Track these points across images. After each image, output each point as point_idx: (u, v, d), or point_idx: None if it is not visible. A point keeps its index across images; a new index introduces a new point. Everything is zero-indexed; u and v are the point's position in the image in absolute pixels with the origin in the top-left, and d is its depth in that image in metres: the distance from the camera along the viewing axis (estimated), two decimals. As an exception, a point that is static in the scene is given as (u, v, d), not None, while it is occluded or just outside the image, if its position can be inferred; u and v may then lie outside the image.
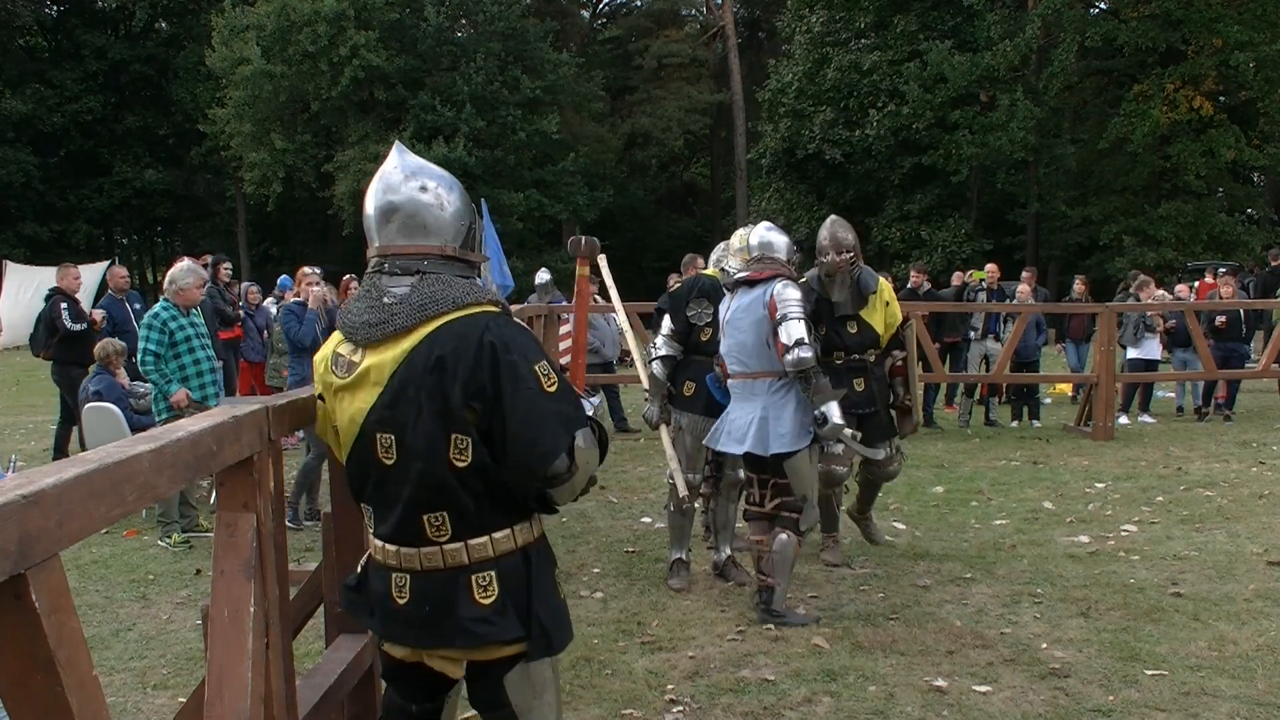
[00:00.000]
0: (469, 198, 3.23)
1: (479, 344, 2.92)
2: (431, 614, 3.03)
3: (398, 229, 3.10)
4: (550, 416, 2.93)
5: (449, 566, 3.01)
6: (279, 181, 39.82)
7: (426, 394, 2.93)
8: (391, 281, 3.07)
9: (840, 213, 11.71)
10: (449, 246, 3.11)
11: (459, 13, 42.01)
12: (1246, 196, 37.53)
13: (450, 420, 2.92)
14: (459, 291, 3.02)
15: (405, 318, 2.99)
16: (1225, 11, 30.98)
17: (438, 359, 2.92)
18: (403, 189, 3.10)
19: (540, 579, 3.10)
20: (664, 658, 5.97)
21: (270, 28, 37.90)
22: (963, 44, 33.92)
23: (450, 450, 2.93)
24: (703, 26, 52.41)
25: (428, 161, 3.23)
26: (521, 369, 2.92)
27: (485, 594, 3.00)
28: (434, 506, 2.98)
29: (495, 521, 3.02)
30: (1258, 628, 6.33)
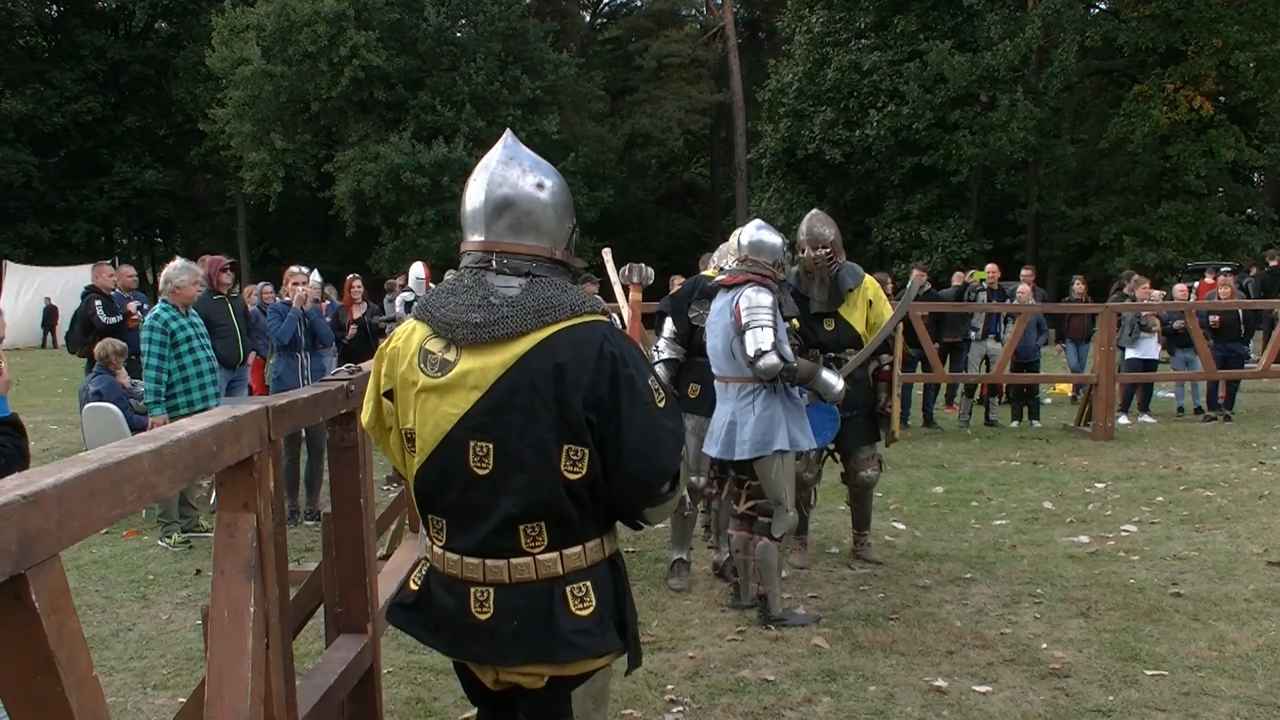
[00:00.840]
0: (570, 199, 3.12)
1: (599, 354, 2.79)
2: (521, 628, 2.88)
3: (509, 225, 2.95)
4: (665, 433, 2.85)
5: (541, 578, 2.87)
6: (279, 181, 39.83)
7: (542, 402, 2.78)
8: (500, 281, 2.91)
9: (840, 213, 11.66)
10: (557, 250, 2.99)
11: (459, 13, 42.01)
12: (1246, 197, 37.53)
13: (567, 430, 2.79)
14: (574, 299, 2.87)
15: (517, 321, 2.82)
16: (1225, 12, 30.99)
17: (557, 366, 2.78)
18: (520, 184, 2.97)
19: (625, 587, 3.02)
20: (664, 658, 5.97)
21: (270, 28, 37.90)
22: (963, 44, 33.93)
23: (562, 461, 2.81)
24: (703, 26, 52.42)
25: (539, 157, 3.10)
26: (639, 383, 2.81)
27: (583, 605, 2.88)
28: (534, 518, 2.84)
29: (590, 531, 2.92)
30: (1258, 628, 6.33)
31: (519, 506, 2.82)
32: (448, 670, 5.79)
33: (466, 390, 2.83)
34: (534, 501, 2.82)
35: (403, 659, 5.94)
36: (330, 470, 3.82)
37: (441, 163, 37.59)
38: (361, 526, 3.81)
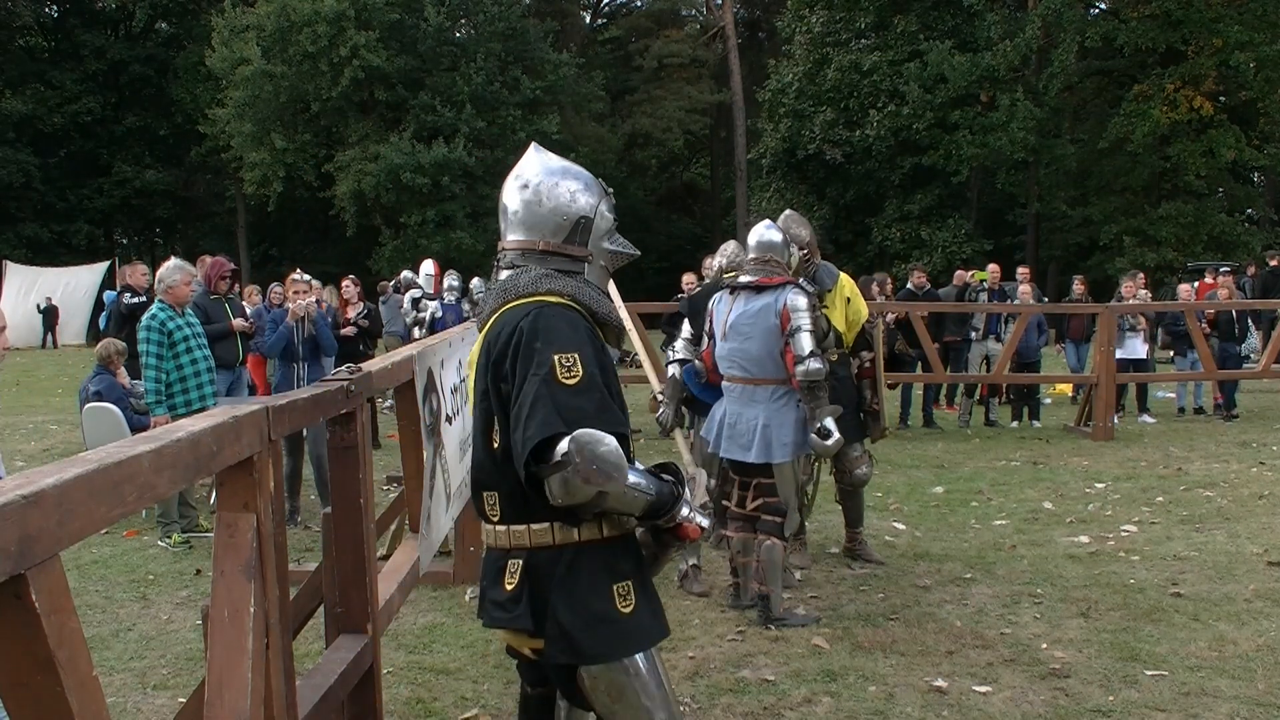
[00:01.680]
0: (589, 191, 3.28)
1: (514, 329, 3.00)
2: (485, 588, 3.19)
3: (507, 225, 3.28)
4: (546, 404, 2.85)
5: (497, 546, 3.14)
6: (279, 182, 39.82)
7: (480, 375, 3.12)
8: (503, 274, 3.25)
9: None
10: (545, 241, 3.20)
11: (459, 13, 42.03)
12: (1246, 197, 37.54)
13: (489, 402, 3.07)
14: (527, 280, 3.14)
15: (490, 306, 3.20)
16: (1225, 12, 31.00)
17: (488, 341, 3.11)
18: (508, 188, 3.28)
19: (576, 581, 3.02)
20: (664, 658, 5.95)
21: (270, 28, 37.90)
22: (963, 44, 33.95)
23: (491, 430, 3.08)
24: (703, 27, 52.44)
25: (552, 158, 3.35)
26: (541, 355, 2.91)
27: (510, 580, 3.06)
28: (486, 485, 3.14)
29: (537, 513, 3.01)
30: (1258, 628, 6.33)
31: (475, 472, 3.20)
32: (448, 670, 5.80)
33: (471, 365, 3.26)
34: (479, 468, 3.16)
35: (403, 659, 5.94)
36: (330, 470, 3.82)
37: (441, 163, 37.59)
38: (361, 526, 3.81)
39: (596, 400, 2.92)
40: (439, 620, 6.70)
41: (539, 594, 3.02)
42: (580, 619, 3.01)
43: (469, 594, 7.17)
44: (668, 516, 3.07)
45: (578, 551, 3.04)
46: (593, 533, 3.06)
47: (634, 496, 2.96)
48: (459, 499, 5.88)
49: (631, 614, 3.09)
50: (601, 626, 3.03)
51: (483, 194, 38.59)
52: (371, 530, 3.99)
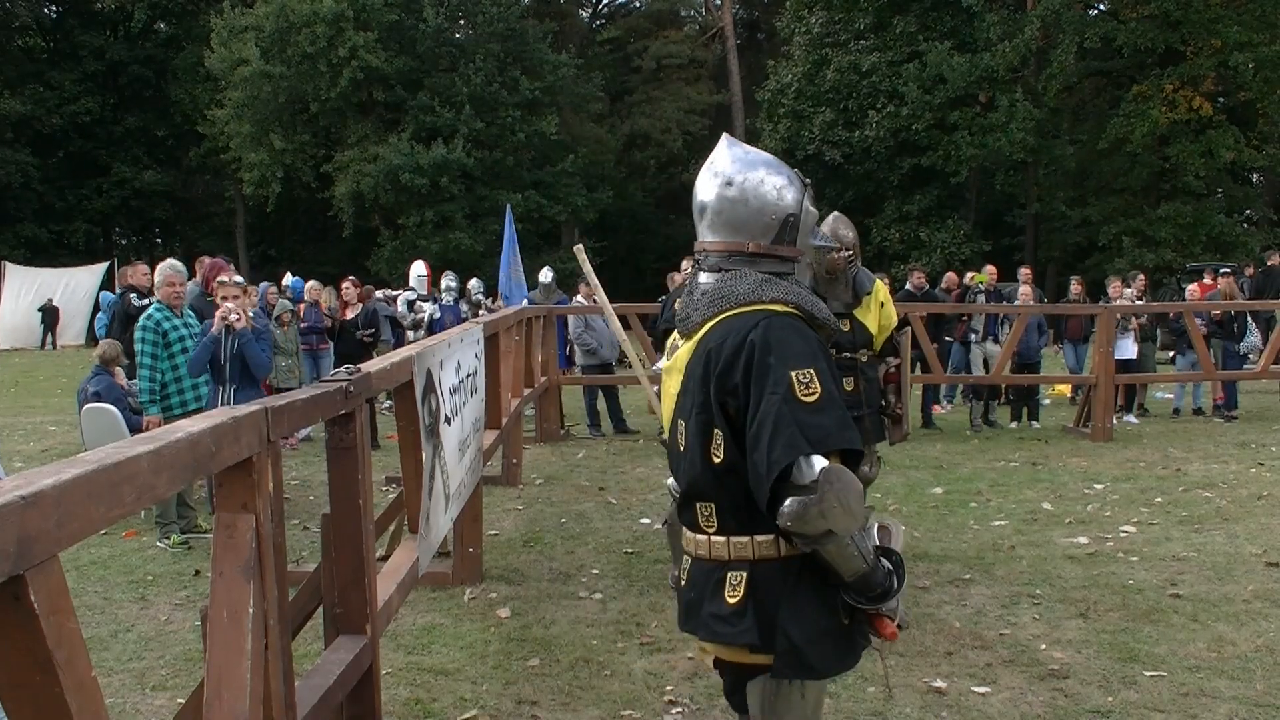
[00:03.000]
0: (793, 185, 3.15)
1: (742, 341, 2.89)
2: (694, 600, 3.08)
3: (708, 225, 3.15)
4: (790, 425, 2.76)
5: (713, 559, 3.03)
6: (278, 182, 39.82)
7: (698, 386, 2.99)
8: (704, 277, 3.14)
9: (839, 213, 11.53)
10: (754, 243, 3.09)
11: (458, 14, 42.04)
12: (1245, 197, 37.54)
13: (709, 414, 2.95)
14: (746, 287, 3.02)
15: (701, 313, 3.07)
16: (1224, 12, 31.00)
17: (707, 353, 2.98)
18: (710, 186, 3.14)
19: (802, 594, 2.92)
20: (663, 659, 5.97)
21: (269, 29, 37.88)
22: (962, 45, 33.97)
23: (710, 444, 2.96)
24: (702, 27, 52.43)
25: (749, 150, 3.22)
26: (777, 371, 2.81)
27: (733, 594, 2.95)
28: (702, 497, 3.03)
29: (761, 524, 2.91)
30: (1256, 629, 6.34)
31: (687, 483, 3.07)
32: (446, 671, 5.80)
33: (676, 372, 3.15)
34: (694, 480, 3.02)
35: (401, 660, 5.94)
36: (329, 471, 3.82)
37: (440, 164, 37.59)
38: (361, 527, 3.80)
39: (837, 418, 2.83)
40: (438, 621, 6.70)
41: (764, 608, 2.92)
42: (808, 633, 2.91)
43: (468, 595, 7.18)
44: (874, 598, 2.93)
45: (804, 563, 2.93)
46: None
47: (853, 555, 2.85)
48: (458, 500, 5.88)
49: (853, 625, 3.01)
50: (828, 640, 2.95)
51: (481, 195, 38.59)
52: (370, 531, 3.99)
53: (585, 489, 10.71)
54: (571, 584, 7.47)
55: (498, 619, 6.72)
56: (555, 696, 5.46)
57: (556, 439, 13.80)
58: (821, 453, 2.76)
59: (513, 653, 6.11)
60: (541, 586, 7.43)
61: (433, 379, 5.02)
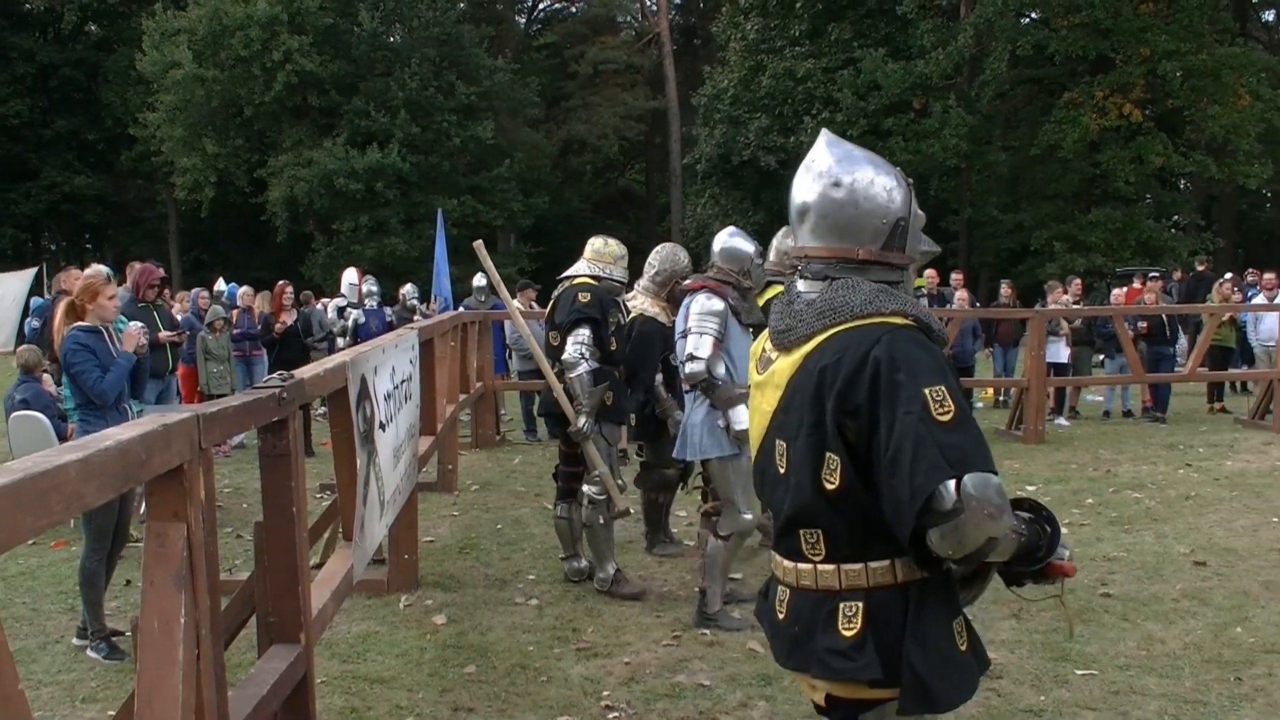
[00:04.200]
0: (901, 186, 2.92)
1: (863, 358, 2.67)
2: (799, 635, 2.86)
3: (810, 229, 2.94)
4: (931, 446, 2.55)
5: (820, 588, 2.82)
6: (211, 187, 39.38)
7: (807, 406, 2.77)
8: (805, 285, 2.94)
9: (775, 219, 11.65)
10: (863, 249, 2.87)
11: (393, 18, 41.83)
12: (1173, 203, 38.05)
13: (823, 436, 2.73)
14: (862, 299, 2.80)
15: (807, 325, 2.85)
16: (1153, 22, 31.44)
17: (820, 370, 2.75)
18: (813, 186, 2.92)
19: (923, 622, 2.73)
20: (600, 664, 5.97)
21: (202, 31, 37.49)
22: (896, 52, 34.23)
23: (821, 469, 2.75)
24: (638, 33, 52.50)
25: (853, 149, 3.00)
26: (909, 390, 2.59)
27: (849, 625, 2.75)
28: (808, 524, 2.82)
29: (875, 549, 2.75)
30: (1185, 627, 6.45)
31: (791, 509, 2.85)
32: (382, 679, 5.77)
33: (774, 388, 2.93)
34: (801, 506, 2.81)
35: (336, 668, 5.91)
36: (262, 478, 3.79)
37: (375, 169, 37.38)
38: (294, 535, 3.78)
39: (974, 436, 2.65)
40: (373, 629, 6.67)
41: (885, 639, 2.72)
42: (934, 664, 2.71)
43: (403, 602, 7.14)
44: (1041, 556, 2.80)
45: (923, 588, 2.77)
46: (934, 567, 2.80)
47: (1013, 539, 2.67)
48: (393, 506, 5.85)
49: (968, 651, 2.84)
50: (951, 669, 2.76)
51: (417, 200, 38.41)
52: (304, 539, 3.97)
53: (521, 494, 10.69)
54: (508, 590, 7.46)
55: (433, 626, 6.70)
56: (492, 703, 5.45)
57: (492, 444, 13.77)
58: (961, 475, 2.55)
59: (449, 660, 6.09)
60: (478, 593, 7.41)
61: (367, 385, 5.00)
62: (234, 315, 14.57)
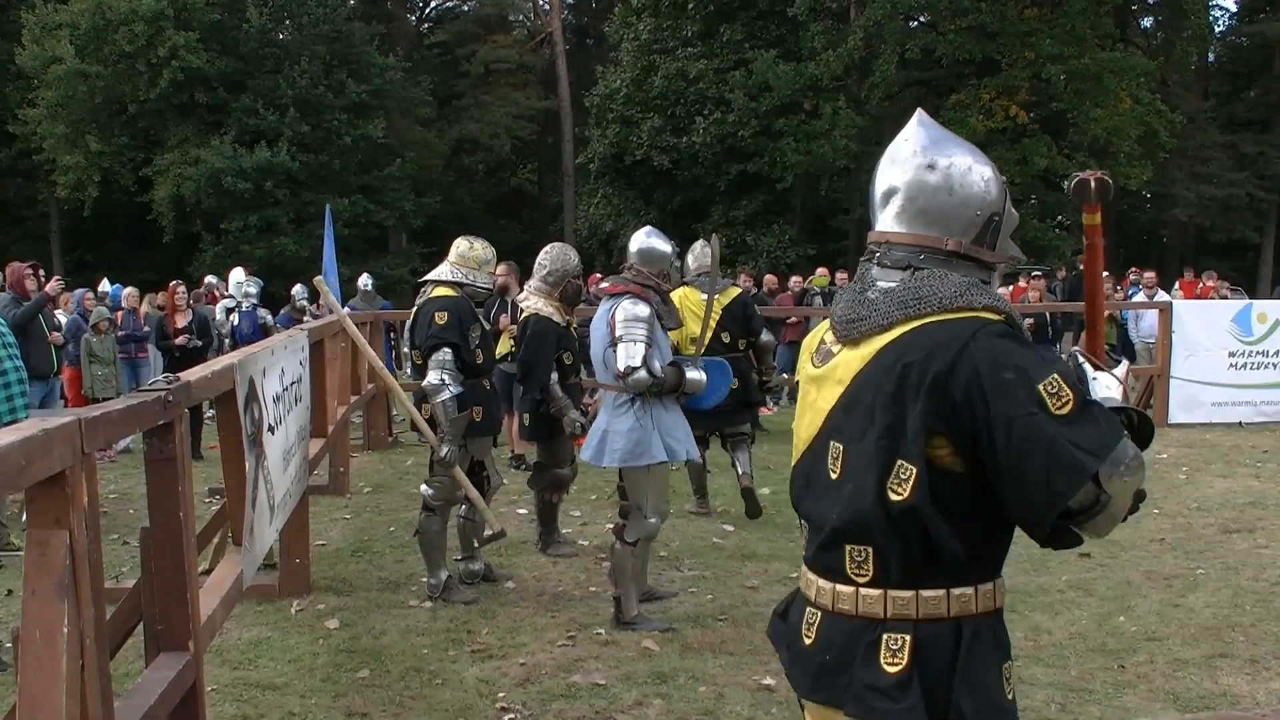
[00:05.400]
0: (998, 180, 2.69)
1: (959, 354, 2.37)
2: (831, 664, 2.53)
3: (896, 213, 2.64)
4: (1062, 446, 2.28)
5: (861, 615, 2.50)
6: (95, 185, 38.50)
7: (881, 406, 2.44)
8: (881, 274, 2.64)
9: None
10: (954, 240, 2.59)
11: (282, 14, 41.22)
12: (1057, 203, 38.85)
13: (900, 442, 2.41)
14: (952, 290, 2.50)
15: (883, 315, 2.53)
16: (1037, 26, 32.11)
17: (905, 366, 2.42)
18: (908, 165, 2.64)
19: (975, 663, 2.47)
20: (495, 665, 5.96)
21: (84, 26, 36.64)
22: (787, 54, 34.54)
23: (888, 477, 2.42)
24: (530, 33, 52.39)
25: (955, 136, 2.74)
26: (1019, 390, 2.31)
27: (893, 660, 2.43)
28: (859, 539, 2.49)
29: (929, 576, 2.46)
30: (1070, 617, 6.61)
31: (842, 520, 2.51)
32: (274, 686, 5.70)
33: (834, 384, 2.60)
34: (854, 516, 2.48)
35: (227, 676, 5.82)
36: (148, 483, 3.72)
37: (264, 167, 36.83)
38: (182, 541, 3.72)
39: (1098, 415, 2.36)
40: (265, 635, 6.58)
41: (931, 679, 2.43)
42: (984, 712, 2.46)
43: (295, 607, 7.06)
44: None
45: (976, 626, 2.52)
46: (988, 602, 2.58)
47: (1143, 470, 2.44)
48: (283, 510, 5.79)
49: (1014, 700, 2.59)
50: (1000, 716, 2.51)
51: (307, 199, 37.90)
52: (192, 544, 3.91)
53: (415, 496, 10.56)
54: (401, 593, 7.41)
55: (326, 630, 6.63)
56: (386, 708, 5.41)
57: (385, 446, 13.66)
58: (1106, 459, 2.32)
59: (342, 664, 6.03)
60: (370, 596, 7.35)
61: (255, 387, 4.94)
62: (118, 317, 14.30)
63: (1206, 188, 39.44)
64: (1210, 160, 40.29)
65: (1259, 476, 10.88)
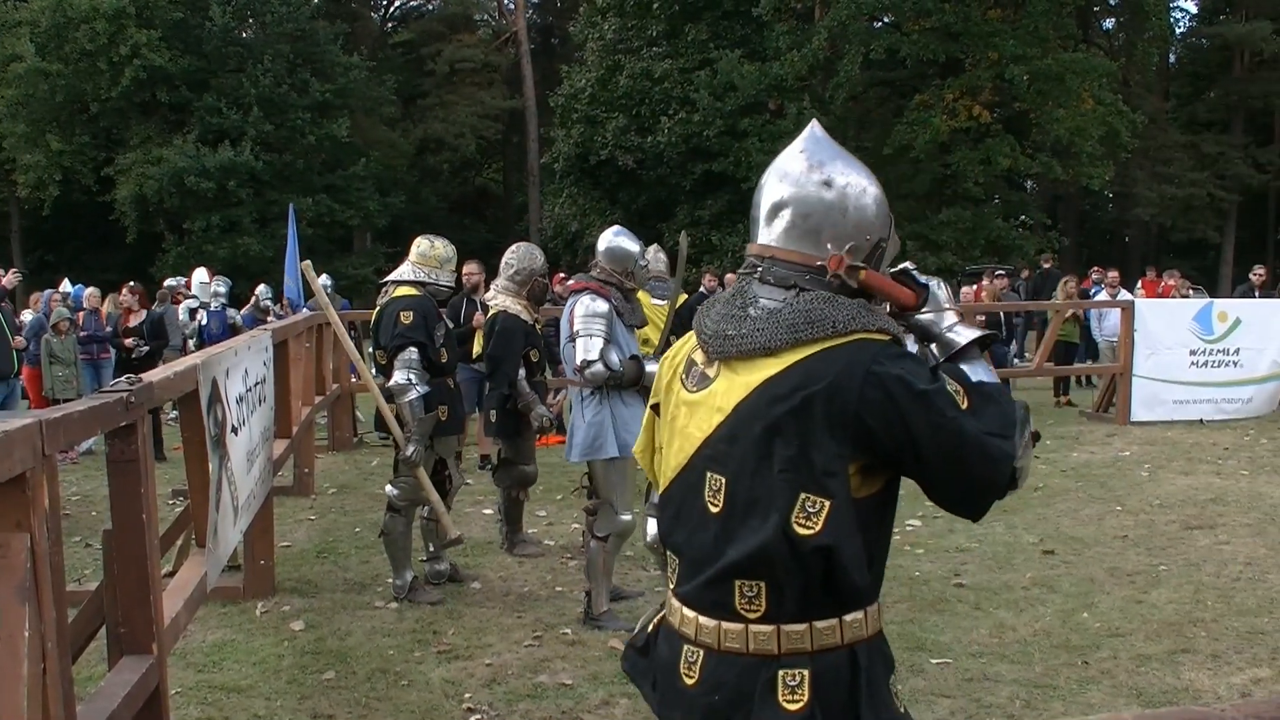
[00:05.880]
0: (887, 210, 2.56)
1: (864, 383, 2.27)
2: (722, 706, 2.39)
3: (785, 229, 2.47)
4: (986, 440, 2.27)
5: (753, 653, 2.36)
6: (56, 185, 38.15)
7: (782, 438, 2.31)
8: (764, 290, 2.47)
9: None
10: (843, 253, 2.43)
11: (245, 13, 40.99)
12: (1020, 203, 39.15)
13: (806, 476, 2.29)
14: (846, 314, 2.37)
15: (767, 337, 2.39)
16: (1000, 27, 32.28)
17: (804, 399, 2.30)
18: (803, 180, 2.47)
19: (874, 687, 2.38)
20: (461, 666, 5.94)
21: (45, 24, 36.35)
22: (752, 54, 34.59)
23: (794, 511, 2.29)
24: (495, 32, 52.34)
25: (849, 154, 2.59)
26: (934, 400, 2.26)
27: (793, 698, 2.32)
28: (753, 575, 2.36)
29: (822, 607, 2.35)
30: (1034, 614, 6.64)
31: (739, 554, 2.35)
32: (239, 688, 5.67)
33: (711, 411, 2.44)
34: (754, 553, 2.33)
35: (191, 679, 5.78)
36: (110, 485, 3.69)
37: (227, 167, 36.61)
38: (145, 543, 3.69)
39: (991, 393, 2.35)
40: (229, 637, 6.54)
41: (833, 711, 2.34)
42: None
43: (260, 609, 7.03)
44: None
45: (870, 650, 2.42)
46: (876, 624, 2.45)
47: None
48: (247, 511, 5.76)
49: (905, 714, 2.50)
50: None
51: (270, 199, 37.70)
52: (155, 546, 3.88)
53: (380, 497, 10.53)
54: (367, 594, 7.38)
55: (291, 632, 6.60)
56: (352, 709, 5.39)
57: (349, 447, 13.60)
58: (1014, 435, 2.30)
59: (307, 666, 6.00)
60: (336, 597, 7.32)
61: (218, 388, 4.91)
62: (80, 317, 14.19)
63: (1168, 188, 39.84)
64: (1171, 160, 40.71)
65: (1220, 473, 10.96)
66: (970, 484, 2.32)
